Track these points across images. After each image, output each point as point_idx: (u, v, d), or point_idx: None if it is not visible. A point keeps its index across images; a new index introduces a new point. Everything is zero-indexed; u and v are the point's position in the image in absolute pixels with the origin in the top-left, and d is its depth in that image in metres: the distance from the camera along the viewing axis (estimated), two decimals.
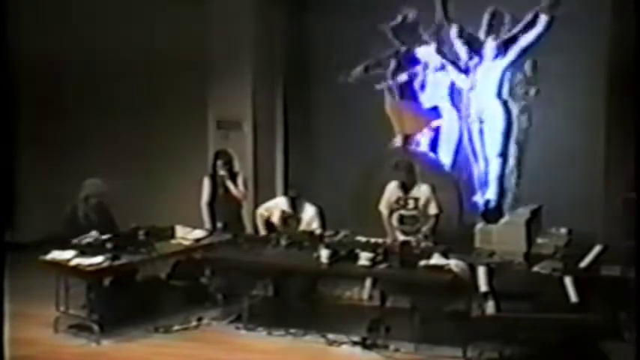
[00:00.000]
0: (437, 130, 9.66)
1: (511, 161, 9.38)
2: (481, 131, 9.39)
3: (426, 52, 9.58)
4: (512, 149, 9.35)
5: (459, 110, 9.54)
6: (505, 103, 9.30)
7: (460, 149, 9.58)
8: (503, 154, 9.37)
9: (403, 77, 9.70)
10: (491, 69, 9.27)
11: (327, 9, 9.88)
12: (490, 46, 9.23)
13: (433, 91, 9.64)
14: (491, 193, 9.39)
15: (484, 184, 9.46)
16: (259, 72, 10.00)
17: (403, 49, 9.68)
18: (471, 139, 9.49)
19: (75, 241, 7.64)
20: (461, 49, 9.40)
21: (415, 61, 9.68)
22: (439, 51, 9.46)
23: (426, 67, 9.62)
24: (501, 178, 9.40)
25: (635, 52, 7.41)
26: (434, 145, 9.66)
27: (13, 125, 10.13)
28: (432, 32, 9.49)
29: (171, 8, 9.87)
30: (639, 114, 7.59)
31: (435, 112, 9.65)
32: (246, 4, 9.84)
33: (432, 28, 9.48)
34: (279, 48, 10.08)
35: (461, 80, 9.44)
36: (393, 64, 9.73)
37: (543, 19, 9.00)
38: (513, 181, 9.40)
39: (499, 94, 9.28)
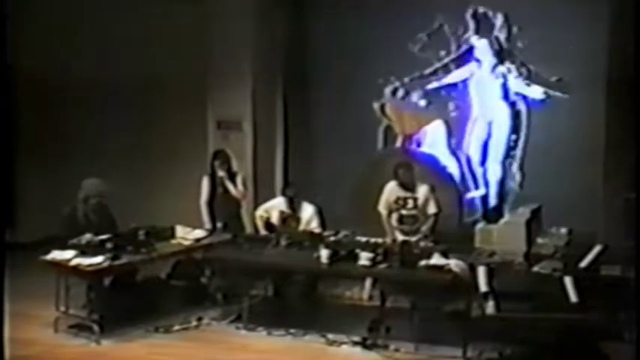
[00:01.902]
0: (436, 129, 9.66)
1: (512, 161, 9.39)
2: (486, 131, 9.43)
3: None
4: (514, 149, 9.37)
5: (459, 109, 9.56)
6: (512, 105, 9.32)
7: (459, 148, 9.58)
8: (505, 154, 9.37)
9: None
10: (491, 73, 9.31)
11: (327, 9, 9.89)
12: (483, 50, 9.27)
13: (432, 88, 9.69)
14: (491, 193, 9.40)
15: (485, 183, 9.47)
16: (259, 72, 10.00)
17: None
18: (471, 138, 9.52)
19: (75, 241, 7.64)
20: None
21: None
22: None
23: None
24: (502, 178, 9.40)
25: (635, 53, 7.41)
26: (434, 144, 9.66)
27: (13, 125, 10.13)
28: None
29: (171, 8, 9.87)
30: (639, 114, 7.59)
31: (434, 111, 9.64)
32: (246, 4, 9.84)
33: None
34: (279, 48, 10.07)
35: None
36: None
37: None
38: (514, 180, 9.40)
39: (503, 96, 9.29)
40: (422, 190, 8.20)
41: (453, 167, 9.50)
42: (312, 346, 7.37)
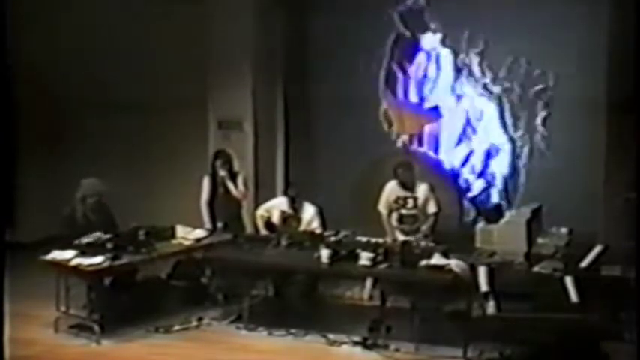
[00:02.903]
0: (437, 130, 9.66)
1: (512, 161, 9.39)
2: (486, 131, 9.44)
3: (431, 41, 9.54)
4: (514, 149, 9.37)
5: (459, 109, 9.55)
6: (509, 103, 9.33)
7: (459, 148, 9.57)
8: (505, 154, 9.38)
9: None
10: (493, 69, 9.31)
11: (327, 9, 9.88)
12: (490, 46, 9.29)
13: (432, 88, 9.63)
14: (492, 193, 9.40)
15: (484, 183, 9.47)
16: (259, 72, 10.00)
17: (407, 33, 9.63)
18: (471, 138, 9.52)
19: (75, 241, 7.64)
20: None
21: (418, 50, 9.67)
22: (444, 42, 9.44)
23: (428, 57, 9.58)
24: (502, 178, 9.41)
25: (635, 52, 7.41)
26: (434, 144, 9.66)
27: (13, 125, 10.13)
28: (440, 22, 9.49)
29: (171, 8, 9.87)
30: (639, 114, 7.60)
31: (435, 111, 9.64)
32: (246, 4, 9.84)
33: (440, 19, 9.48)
34: (279, 48, 10.07)
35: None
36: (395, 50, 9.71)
37: None
38: (514, 180, 9.40)
39: (504, 94, 9.31)
40: (422, 190, 8.21)
41: (452, 166, 9.51)
42: (313, 346, 7.37)
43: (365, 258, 7.37)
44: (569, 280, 6.95)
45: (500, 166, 9.42)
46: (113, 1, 10.15)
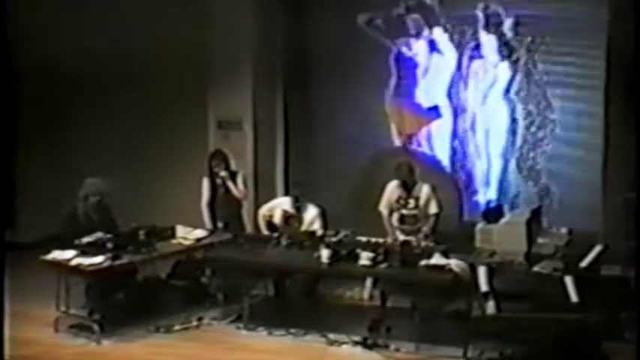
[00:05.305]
0: (437, 129, 9.66)
1: (512, 161, 9.39)
2: (486, 131, 9.43)
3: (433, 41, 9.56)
4: (514, 149, 9.37)
5: (459, 109, 9.55)
6: (510, 103, 9.32)
7: (459, 148, 9.58)
8: (505, 154, 9.37)
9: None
10: (493, 68, 9.30)
11: (327, 9, 9.89)
12: (490, 45, 9.26)
13: (431, 88, 9.63)
14: (491, 193, 9.40)
15: (484, 183, 9.47)
16: (259, 72, 10.00)
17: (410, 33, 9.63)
18: (471, 138, 9.52)
19: (75, 240, 7.64)
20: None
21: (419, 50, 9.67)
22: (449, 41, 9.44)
23: (430, 57, 9.57)
24: (502, 178, 9.41)
25: (635, 52, 7.42)
26: (434, 144, 9.66)
27: (14, 125, 10.13)
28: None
29: (172, 8, 9.87)
30: (639, 114, 7.60)
31: (435, 111, 9.64)
32: (246, 4, 9.84)
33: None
34: (279, 48, 10.07)
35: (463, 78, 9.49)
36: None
37: None
38: (514, 180, 9.40)
39: (504, 94, 9.30)
40: (423, 190, 8.20)
41: (453, 166, 9.50)
42: (313, 346, 7.37)
43: (365, 258, 7.37)
44: (569, 280, 6.96)
45: (501, 166, 9.43)
46: (114, 1, 10.14)
